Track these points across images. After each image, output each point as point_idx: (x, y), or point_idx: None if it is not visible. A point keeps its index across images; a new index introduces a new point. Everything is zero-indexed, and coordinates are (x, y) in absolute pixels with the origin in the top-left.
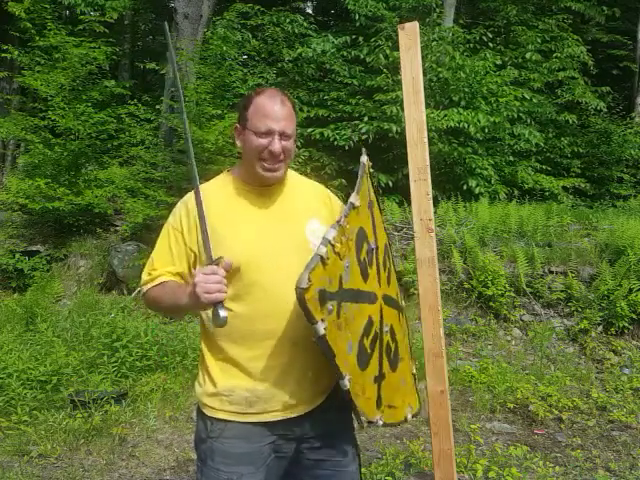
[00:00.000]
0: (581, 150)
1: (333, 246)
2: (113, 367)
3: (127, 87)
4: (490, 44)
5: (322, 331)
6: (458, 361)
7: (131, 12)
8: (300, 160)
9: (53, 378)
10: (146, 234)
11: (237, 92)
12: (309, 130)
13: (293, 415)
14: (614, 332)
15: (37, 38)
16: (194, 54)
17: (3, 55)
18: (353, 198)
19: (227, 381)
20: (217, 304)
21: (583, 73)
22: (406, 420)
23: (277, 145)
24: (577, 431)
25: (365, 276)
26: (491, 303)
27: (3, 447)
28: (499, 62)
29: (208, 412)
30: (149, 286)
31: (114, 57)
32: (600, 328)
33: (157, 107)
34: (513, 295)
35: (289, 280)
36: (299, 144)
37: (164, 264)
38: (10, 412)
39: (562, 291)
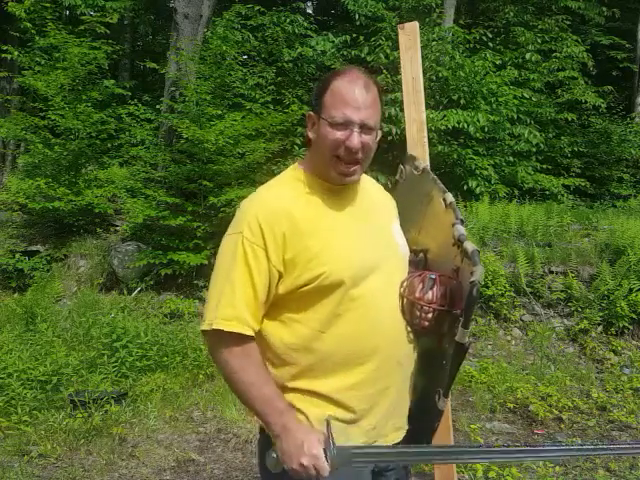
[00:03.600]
0: (581, 150)
1: None
2: (113, 367)
3: (127, 87)
4: (490, 44)
5: (467, 338)
6: None
7: (131, 14)
8: (300, 159)
9: (53, 378)
10: (146, 234)
11: (237, 92)
12: None
13: (393, 441)
14: (614, 332)
15: (37, 38)
16: (194, 54)
17: (3, 55)
18: (451, 198)
19: (320, 411)
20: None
21: (583, 73)
22: None
23: (356, 140)
24: (577, 431)
25: None
26: (491, 303)
27: (3, 447)
28: (499, 62)
29: None
30: (229, 330)
31: (114, 57)
32: (600, 328)
33: (157, 107)
34: (513, 295)
35: (391, 289)
36: (299, 143)
37: (243, 297)
38: (10, 412)
39: (562, 291)
